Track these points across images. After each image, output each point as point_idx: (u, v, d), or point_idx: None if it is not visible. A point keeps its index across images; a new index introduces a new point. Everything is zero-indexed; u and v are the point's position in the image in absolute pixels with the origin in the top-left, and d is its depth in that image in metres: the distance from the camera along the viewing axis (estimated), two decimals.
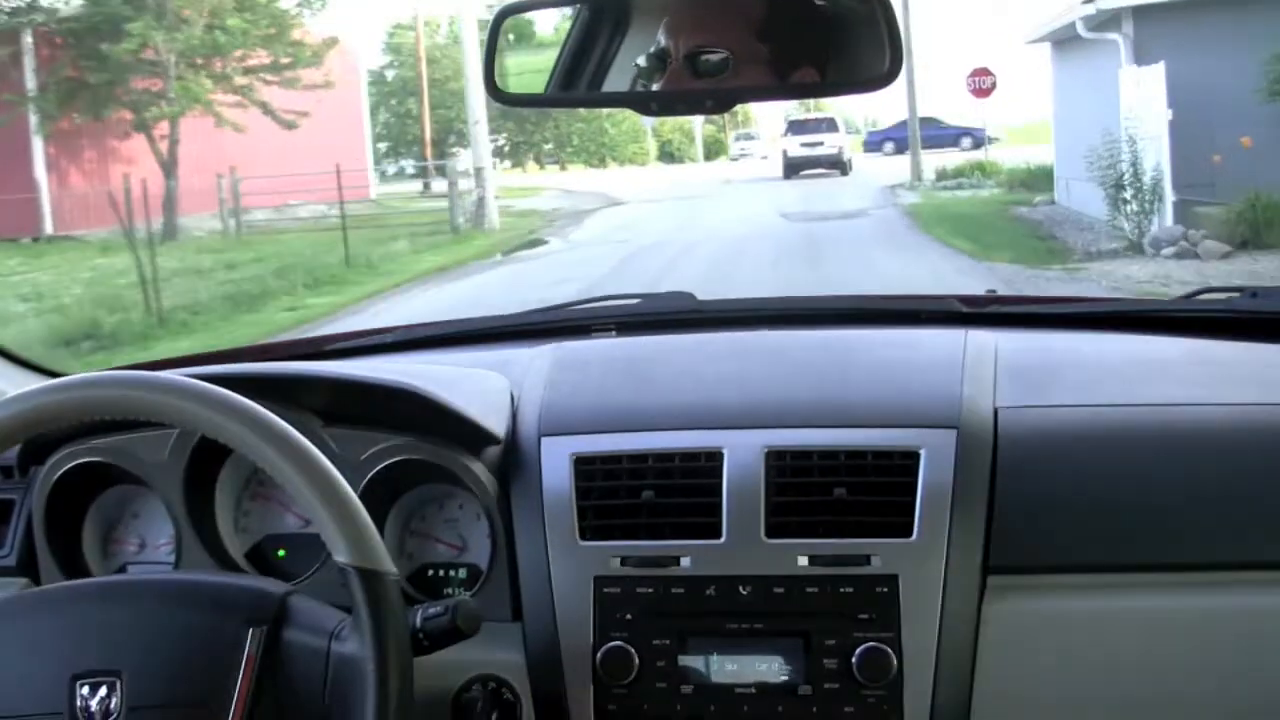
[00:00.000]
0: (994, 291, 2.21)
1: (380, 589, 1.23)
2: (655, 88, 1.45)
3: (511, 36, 1.54)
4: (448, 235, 20.11)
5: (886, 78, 1.40)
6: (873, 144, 51.14)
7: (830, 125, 35.02)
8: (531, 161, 58.95)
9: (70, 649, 1.25)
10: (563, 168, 56.25)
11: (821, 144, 34.35)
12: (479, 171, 22.21)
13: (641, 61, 1.46)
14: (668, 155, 57.59)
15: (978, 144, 35.88)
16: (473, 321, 2.16)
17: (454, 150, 66.35)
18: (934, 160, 29.34)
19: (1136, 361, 1.78)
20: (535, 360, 1.76)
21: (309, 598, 1.29)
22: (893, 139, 46.90)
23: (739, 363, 1.77)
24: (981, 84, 28.52)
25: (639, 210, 24.59)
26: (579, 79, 1.53)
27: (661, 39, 1.44)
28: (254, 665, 1.25)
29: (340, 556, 1.23)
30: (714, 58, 1.44)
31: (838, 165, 34.27)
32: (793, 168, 33.87)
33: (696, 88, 1.43)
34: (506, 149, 62.34)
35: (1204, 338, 1.84)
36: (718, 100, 1.48)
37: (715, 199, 26.29)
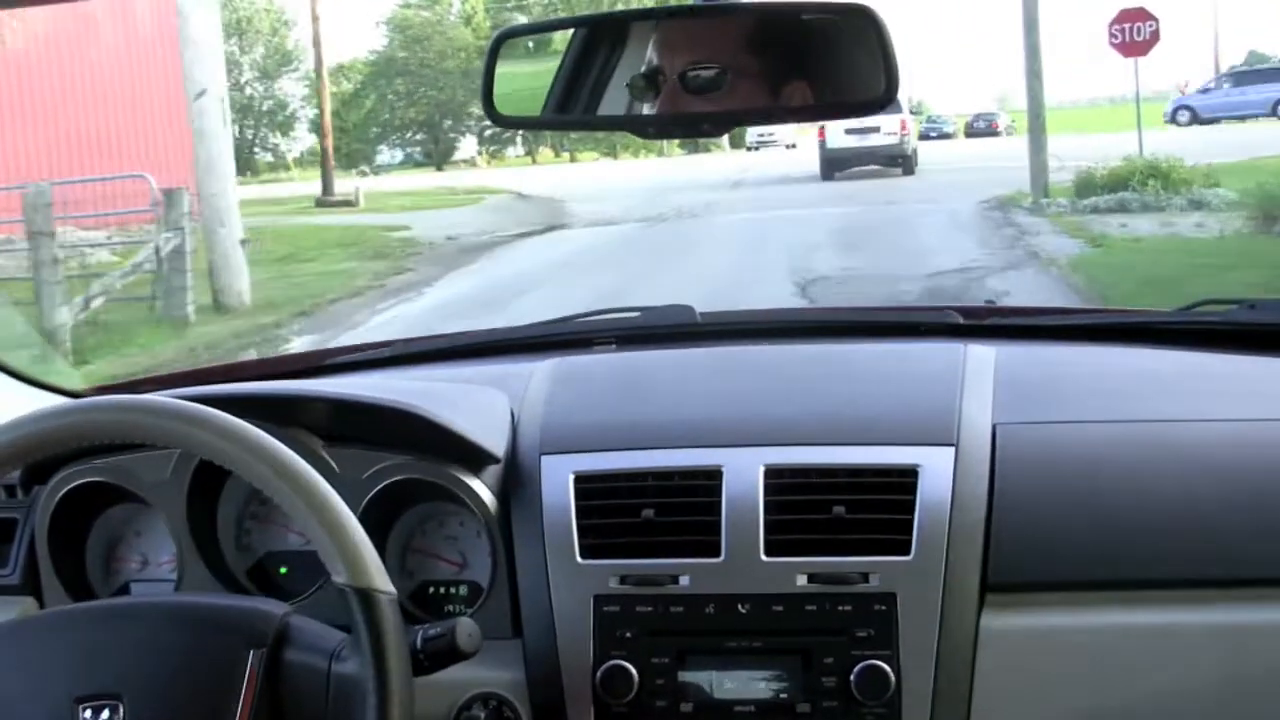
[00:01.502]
0: (992, 302, 2.33)
1: (379, 609, 1.25)
2: (647, 108, 1.47)
3: (532, 44, 1.57)
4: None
5: (883, 100, 1.42)
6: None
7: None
8: (546, 149, 55.61)
9: (72, 672, 1.28)
10: (573, 158, 53.03)
11: (876, 130, 24.38)
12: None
13: (634, 81, 1.46)
14: (691, 143, 51.46)
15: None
16: (474, 335, 2.18)
17: (453, 136, 54.96)
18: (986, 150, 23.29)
19: (1135, 375, 1.80)
20: (535, 375, 1.80)
21: (309, 618, 1.33)
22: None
23: (738, 379, 1.80)
24: (1135, 33, 18.75)
25: (572, 245, 16.52)
26: (575, 100, 1.54)
27: (654, 58, 1.45)
28: (255, 687, 1.26)
29: (338, 577, 1.26)
30: (709, 74, 1.42)
31: (899, 160, 25.25)
32: (834, 164, 25.01)
33: (692, 108, 1.45)
34: (507, 135, 55.33)
35: (1203, 350, 1.86)
36: (714, 122, 1.51)
37: (704, 221, 18.46)
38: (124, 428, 1.32)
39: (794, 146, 41.36)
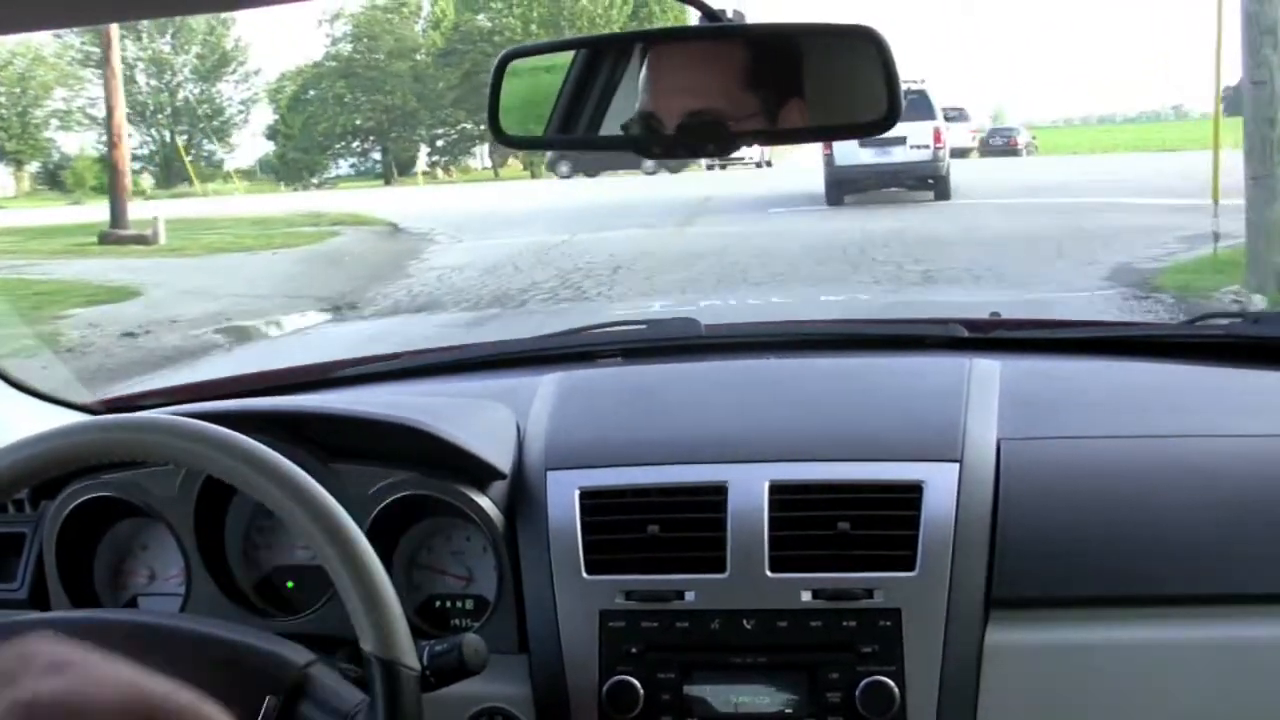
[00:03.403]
0: (997, 314, 2.17)
1: (401, 685, 1.25)
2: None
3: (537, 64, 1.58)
4: None
5: (886, 121, 1.40)
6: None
7: (921, 106, 17.97)
8: (515, 161, 48.14)
9: None
10: (533, 174, 45.53)
11: (902, 142, 17.89)
12: None
13: (630, 125, 1.45)
14: (664, 161, 40.08)
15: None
16: (480, 348, 2.17)
17: (403, 146, 47.41)
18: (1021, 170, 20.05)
19: (1138, 389, 1.82)
20: (541, 390, 1.83)
21: (330, 670, 1.34)
22: None
23: (743, 393, 1.82)
24: None
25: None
26: (579, 120, 1.54)
27: (648, 103, 1.43)
28: None
29: (366, 645, 1.27)
30: (706, 121, 1.39)
31: (930, 183, 19.04)
32: (843, 186, 18.93)
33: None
34: (463, 146, 50.13)
35: (1207, 364, 1.88)
36: (720, 145, 1.50)
37: (581, 315, 9.69)
38: (144, 448, 1.33)
39: (768, 164, 35.55)
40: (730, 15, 1.34)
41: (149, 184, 45.18)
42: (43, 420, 1.63)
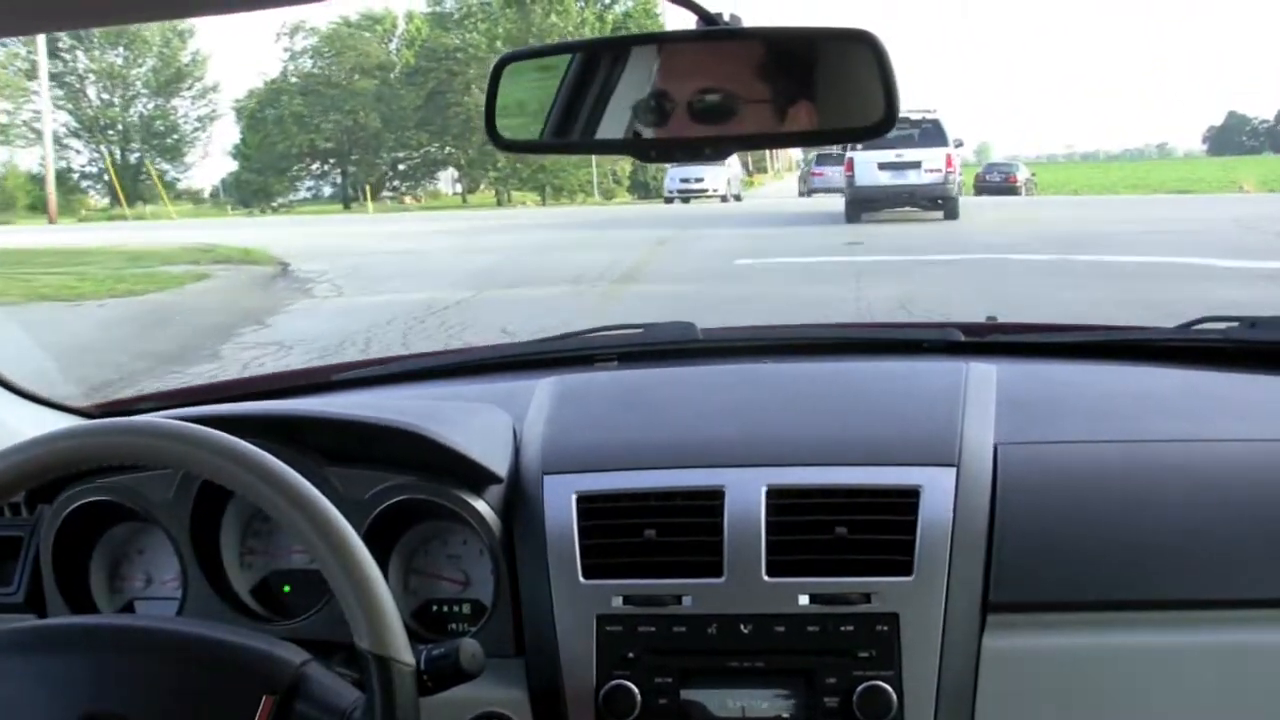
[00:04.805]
0: (994, 318, 2.20)
1: (398, 681, 1.26)
2: (649, 132, 1.50)
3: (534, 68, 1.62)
4: None
5: (882, 125, 1.42)
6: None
7: (933, 134, 20.45)
8: (486, 188, 46.14)
9: (84, 688, 1.30)
10: (500, 201, 43.56)
11: (916, 166, 20.32)
12: None
13: (640, 106, 1.47)
14: (642, 186, 43.87)
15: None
16: (477, 352, 2.20)
17: (363, 170, 45.43)
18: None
19: (1135, 394, 1.84)
20: (538, 394, 1.85)
21: (326, 669, 1.35)
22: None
23: (740, 397, 1.85)
24: None
25: None
26: (575, 124, 1.55)
27: (660, 83, 1.47)
28: None
29: (361, 641, 1.28)
30: (715, 100, 1.42)
31: (940, 203, 20.94)
32: (862, 204, 20.96)
33: (694, 133, 1.47)
34: (426, 171, 47.32)
35: (1203, 368, 1.92)
36: (715, 146, 1.51)
37: None
38: (138, 451, 1.33)
39: (736, 199, 32.75)
40: (727, 19, 1.37)
41: (99, 204, 42.47)
42: (38, 424, 1.67)
